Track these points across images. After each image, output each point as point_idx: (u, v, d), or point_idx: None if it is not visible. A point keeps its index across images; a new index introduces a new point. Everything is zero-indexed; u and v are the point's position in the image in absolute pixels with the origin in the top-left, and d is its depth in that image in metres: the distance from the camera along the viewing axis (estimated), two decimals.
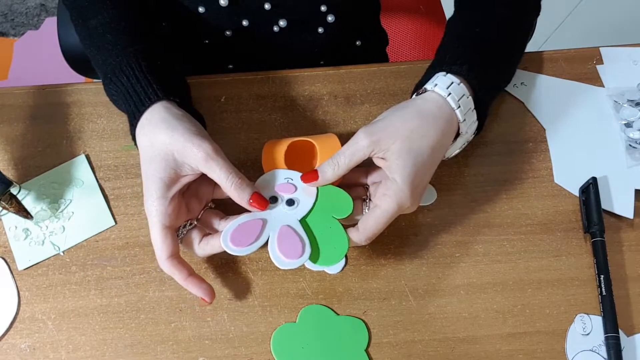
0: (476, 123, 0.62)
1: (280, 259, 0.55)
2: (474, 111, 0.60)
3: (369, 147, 0.56)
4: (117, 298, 0.62)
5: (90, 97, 0.72)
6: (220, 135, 0.69)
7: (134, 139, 0.60)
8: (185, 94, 0.64)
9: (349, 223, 0.59)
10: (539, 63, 0.73)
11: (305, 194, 0.59)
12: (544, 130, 0.70)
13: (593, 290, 0.62)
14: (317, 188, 0.59)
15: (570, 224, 0.65)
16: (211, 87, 0.72)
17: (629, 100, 0.70)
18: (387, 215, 0.56)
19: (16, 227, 0.65)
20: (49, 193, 0.66)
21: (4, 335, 0.61)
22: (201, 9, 0.71)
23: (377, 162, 0.58)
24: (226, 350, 0.60)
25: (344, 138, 0.69)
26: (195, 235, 0.59)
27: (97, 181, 0.67)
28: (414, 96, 0.62)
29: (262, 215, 0.58)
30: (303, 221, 0.58)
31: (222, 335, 0.60)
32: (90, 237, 0.65)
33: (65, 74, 0.92)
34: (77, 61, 0.90)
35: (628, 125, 0.69)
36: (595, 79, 0.72)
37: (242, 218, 0.58)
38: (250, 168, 0.68)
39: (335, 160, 0.58)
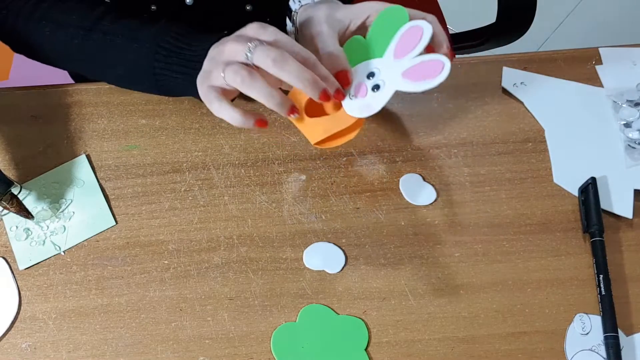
0: None
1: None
2: None
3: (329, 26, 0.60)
4: (118, 298, 0.62)
5: (91, 97, 0.72)
6: (220, 135, 0.70)
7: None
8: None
9: None
10: (538, 63, 0.73)
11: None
12: (543, 130, 0.70)
13: (592, 290, 0.62)
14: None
15: (570, 223, 0.65)
16: None
17: (628, 101, 0.70)
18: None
19: (17, 227, 0.65)
20: (50, 193, 0.67)
21: (4, 334, 0.61)
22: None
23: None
24: (226, 349, 0.60)
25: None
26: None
27: (98, 181, 0.67)
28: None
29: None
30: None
31: (223, 335, 0.61)
32: (91, 236, 0.65)
33: (66, 74, 0.92)
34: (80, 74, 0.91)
35: (627, 125, 0.69)
36: (594, 80, 0.72)
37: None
38: (250, 168, 0.68)
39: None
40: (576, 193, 0.66)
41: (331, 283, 0.63)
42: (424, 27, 0.55)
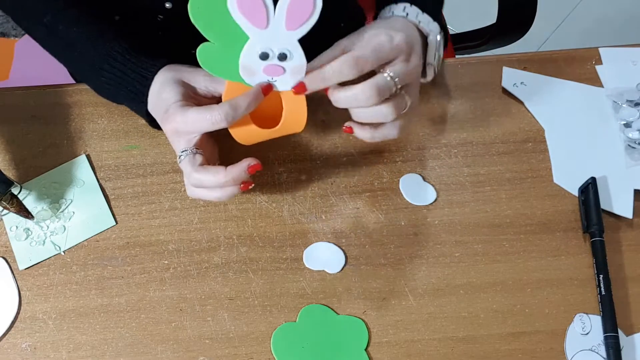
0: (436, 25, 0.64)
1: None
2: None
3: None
4: (118, 298, 0.62)
5: (91, 97, 0.72)
6: (220, 136, 0.69)
7: (147, 114, 0.62)
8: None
9: None
10: (538, 63, 0.73)
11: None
12: (543, 130, 0.70)
13: (592, 290, 0.62)
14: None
15: (570, 224, 0.65)
16: None
17: (628, 101, 0.70)
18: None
19: (17, 227, 0.65)
20: (50, 193, 0.67)
21: (4, 334, 0.61)
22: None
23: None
24: (226, 349, 0.60)
25: (344, 139, 0.69)
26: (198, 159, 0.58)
27: (98, 181, 0.67)
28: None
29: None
30: None
31: (223, 335, 0.61)
32: (91, 236, 0.65)
33: (66, 74, 0.92)
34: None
35: (627, 125, 0.69)
36: (594, 80, 0.72)
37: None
38: None
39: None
40: (576, 193, 0.66)
41: (331, 283, 0.63)
42: None
